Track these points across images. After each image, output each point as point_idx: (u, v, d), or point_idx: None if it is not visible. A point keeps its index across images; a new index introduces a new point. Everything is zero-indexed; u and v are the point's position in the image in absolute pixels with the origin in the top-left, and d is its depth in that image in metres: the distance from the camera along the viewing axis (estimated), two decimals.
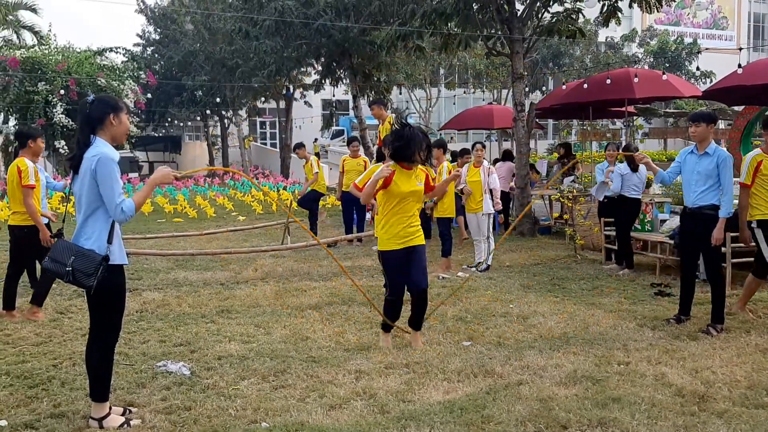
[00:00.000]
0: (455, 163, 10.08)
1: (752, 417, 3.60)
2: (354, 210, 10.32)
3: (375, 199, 5.11)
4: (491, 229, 8.23)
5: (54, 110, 19.53)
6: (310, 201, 10.77)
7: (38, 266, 6.18)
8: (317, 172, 10.48)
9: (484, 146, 8.61)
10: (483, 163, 8.22)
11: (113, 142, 3.54)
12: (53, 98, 19.54)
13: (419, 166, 4.91)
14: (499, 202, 8.41)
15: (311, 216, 10.64)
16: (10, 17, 23.82)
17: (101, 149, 3.41)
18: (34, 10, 24.77)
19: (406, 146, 4.75)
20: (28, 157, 5.84)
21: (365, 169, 9.97)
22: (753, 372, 4.30)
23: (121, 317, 3.62)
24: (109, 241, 3.44)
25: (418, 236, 4.89)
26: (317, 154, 35.71)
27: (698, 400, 3.84)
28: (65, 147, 19.98)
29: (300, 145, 11.35)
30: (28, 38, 24.89)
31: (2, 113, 20.55)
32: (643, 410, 3.67)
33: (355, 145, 10.44)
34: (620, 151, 8.46)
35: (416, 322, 5.01)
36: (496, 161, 12.70)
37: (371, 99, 11.15)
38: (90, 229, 3.43)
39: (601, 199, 8.53)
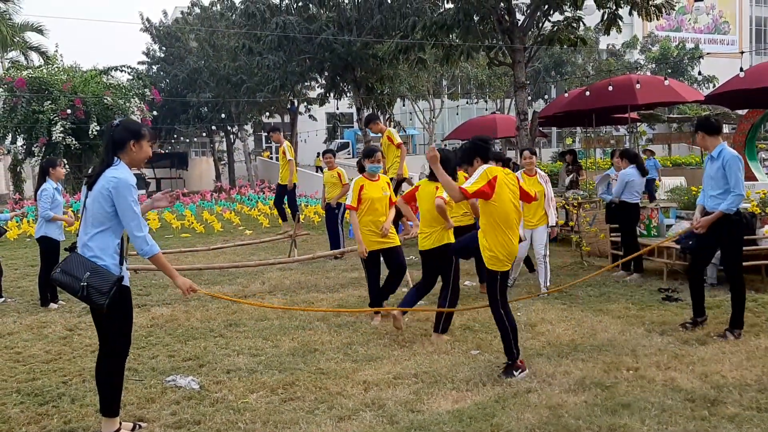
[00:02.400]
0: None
1: (763, 420, 3.58)
2: (337, 222, 10.08)
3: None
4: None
5: (54, 128, 19.50)
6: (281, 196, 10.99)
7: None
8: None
9: (534, 153, 7.64)
10: (537, 171, 7.41)
11: (131, 166, 3.58)
12: (55, 117, 19.56)
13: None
14: (555, 212, 7.60)
15: (290, 204, 10.85)
16: (17, 38, 24.09)
17: (120, 173, 3.45)
18: (40, 31, 25.08)
19: None
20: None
21: (340, 180, 9.89)
22: (763, 375, 4.28)
23: (130, 332, 3.64)
24: (121, 262, 3.49)
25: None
26: (320, 168, 36.02)
27: (709, 405, 3.82)
28: (67, 167, 20.07)
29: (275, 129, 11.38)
30: (35, 59, 25.20)
31: (10, 133, 20.67)
32: (653, 416, 3.67)
33: (328, 157, 10.45)
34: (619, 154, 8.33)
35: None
36: None
37: (364, 119, 11.10)
38: (96, 246, 3.46)
39: (600, 192, 8.43)
